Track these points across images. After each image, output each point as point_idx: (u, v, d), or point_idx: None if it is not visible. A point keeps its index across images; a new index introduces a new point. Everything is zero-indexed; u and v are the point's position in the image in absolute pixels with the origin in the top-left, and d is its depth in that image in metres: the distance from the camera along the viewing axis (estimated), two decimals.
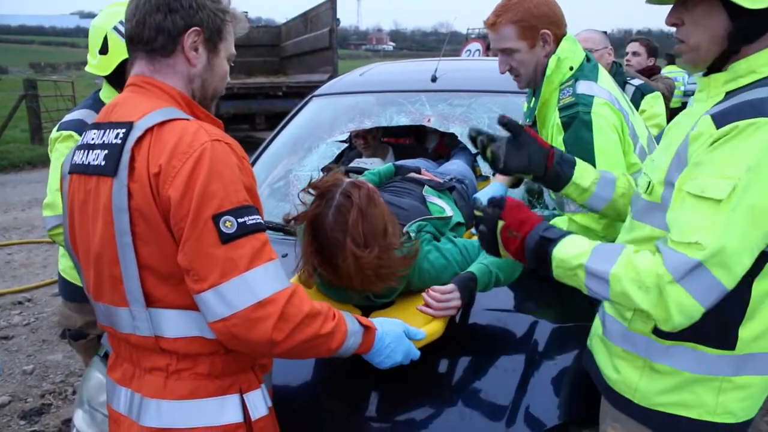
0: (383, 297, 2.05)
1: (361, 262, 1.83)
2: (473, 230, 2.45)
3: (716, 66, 1.56)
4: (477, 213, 1.76)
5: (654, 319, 1.45)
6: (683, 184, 1.46)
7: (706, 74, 1.60)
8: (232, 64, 1.70)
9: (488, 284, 2.02)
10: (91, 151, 1.51)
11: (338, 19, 11.81)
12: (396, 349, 1.69)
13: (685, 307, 1.40)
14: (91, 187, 1.51)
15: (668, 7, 1.60)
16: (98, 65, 2.63)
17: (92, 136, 1.54)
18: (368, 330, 1.65)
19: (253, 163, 3.46)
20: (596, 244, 1.57)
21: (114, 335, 1.61)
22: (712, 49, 1.53)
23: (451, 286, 1.95)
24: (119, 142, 1.45)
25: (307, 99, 3.91)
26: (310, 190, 1.95)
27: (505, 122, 1.94)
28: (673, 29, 1.61)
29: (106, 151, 1.47)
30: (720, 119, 1.43)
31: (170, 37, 1.53)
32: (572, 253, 1.56)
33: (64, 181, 1.63)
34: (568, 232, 1.63)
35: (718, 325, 1.53)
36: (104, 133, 1.50)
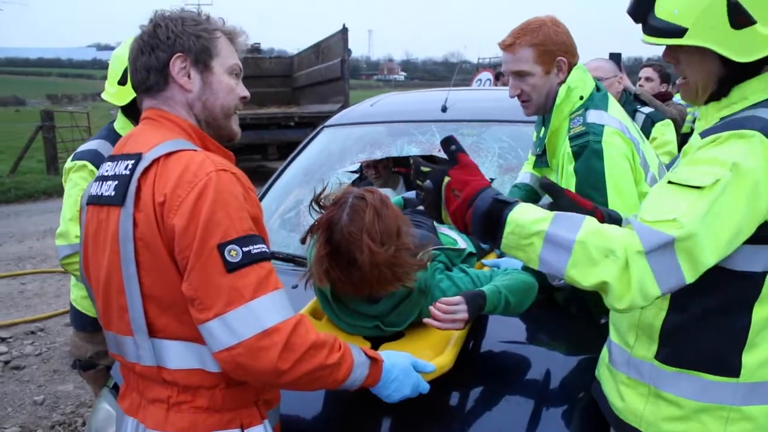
0: (394, 325, 2.04)
1: (378, 259, 1.81)
2: (483, 250, 2.43)
3: (714, 96, 1.58)
4: (424, 169, 1.69)
5: (610, 294, 1.40)
6: (666, 178, 1.47)
7: (705, 103, 1.62)
8: (238, 73, 1.69)
9: (497, 306, 1.98)
10: (104, 182, 1.55)
11: (350, 50, 11.94)
12: (404, 382, 1.67)
13: (645, 285, 1.37)
14: (102, 218, 1.54)
15: None
16: (116, 94, 2.68)
17: (107, 168, 1.58)
18: (375, 362, 1.63)
19: (264, 194, 3.47)
20: (555, 212, 1.50)
21: (123, 364, 1.62)
22: (707, 88, 1.56)
23: (458, 298, 1.91)
24: (128, 173, 1.48)
25: (318, 129, 3.93)
26: (318, 204, 1.97)
27: (545, 185, 1.93)
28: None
29: (116, 182, 1.50)
30: (705, 134, 1.47)
31: (158, 72, 1.58)
32: (530, 218, 1.48)
33: (82, 212, 1.66)
34: (522, 201, 1.57)
35: (719, 352, 1.52)
36: (117, 164, 1.54)
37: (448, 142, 1.65)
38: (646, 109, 4.21)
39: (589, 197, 2.12)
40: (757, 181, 1.37)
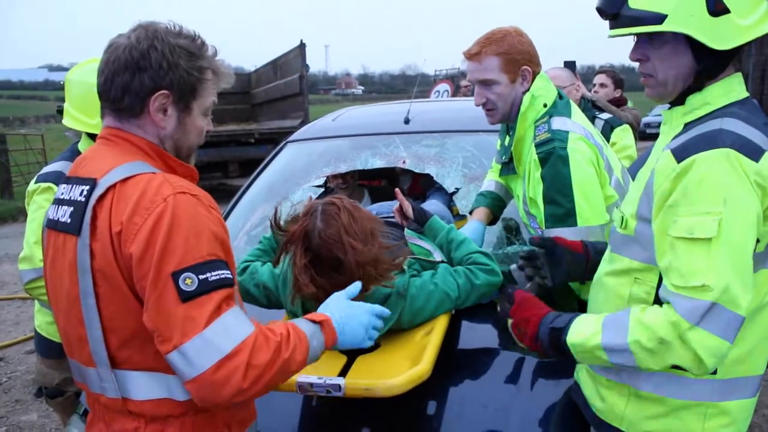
0: None
1: (363, 258, 1.87)
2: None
3: (679, 100, 1.62)
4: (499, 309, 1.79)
5: (690, 370, 1.45)
6: (667, 230, 1.49)
7: (670, 107, 1.66)
8: (211, 117, 1.65)
9: (439, 229, 2.32)
10: (60, 206, 1.49)
11: (307, 65, 11.94)
12: (357, 315, 1.65)
13: (712, 347, 1.41)
14: (59, 245, 1.48)
15: (630, 42, 1.66)
16: (77, 120, 2.62)
17: (62, 190, 1.52)
18: (323, 323, 1.58)
19: (229, 212, 3.45)
20: (604, 319, 1.57)
21: (88, 394, 1.56)
22: (678, 84, 1.59)
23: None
24: (83, 200, 1.42)
25: (281, 145, 3.92)
26: (280, 227, 2.00)
27: (536, 243, 2.00)
28: (636, 64, 1.66)
29: (71, 209, 1.44)
30: (679, 153, 1.49)
31: (137, 98, 1.47)
32: (585, 335, 1.57)
33: (43, 234, 1.61)
34: (575, 315, 1.63)
35: None
36: (72, 188, 1.48)
37: (504, 287, 1.93)
38: (605, 115, 4.30)
39: (556, 202, 2.16)
40: (748, 200, 1.42)
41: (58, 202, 1.51)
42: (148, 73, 1.45)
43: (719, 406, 1.58)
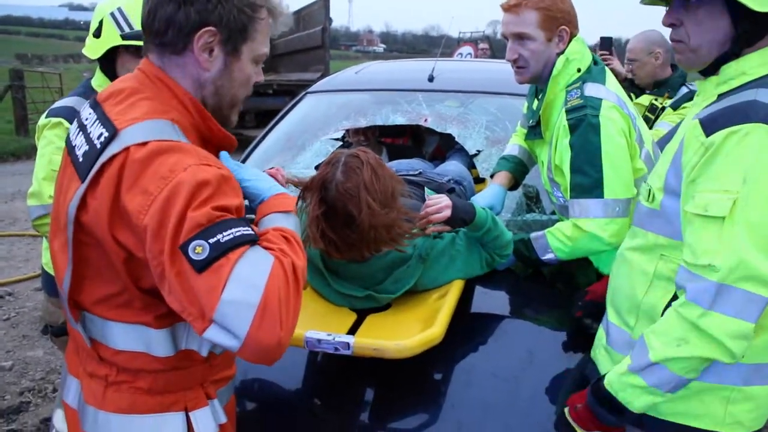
0: (389, 293, 1.99)
1: (377, 221, 1.81)
2: None
3: (712, 69, 1.55)
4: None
5: (719, 359, 1.41)
6: (685, 205, 1.46)
7: (705, 77, 1.59)
8: (263, 66, 1.48)
9: (484, 224, 2.02)
10: (80, 134, 1.37)
11: (331, 18, 11.74)
12: (257, 183, 1.48)
13: (732, 330, 1.37)
14: (67, 178, 1.38)
15: (661, 9, 1.60)
16: (89, 47, 2.57)
17: (88, 116, 1.38)
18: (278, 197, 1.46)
19: (244, 160, 3.39)
20: (630, 352, 1.56)
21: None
22: (712, 51, 1.52)
23: (442, 195, 2.02)
24: (98, 147, 1.28)
25: (300, 96, 3.84)
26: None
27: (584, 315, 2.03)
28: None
29: (87, 148, 1.31)
30: (708, 124, 1.43)
31: (181, 33, 1.32)
32: (616, 370, 1.56)
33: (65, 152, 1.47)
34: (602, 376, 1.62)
35: None
36: (96, 123, 1.34)
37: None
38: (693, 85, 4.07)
39: (583, 171, 2.09)
40: None
41: (81, 127, 1.38)
42: (195, 6, 1.31)
43: (744, 391, 1.53)
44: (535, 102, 2.36)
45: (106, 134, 1.29)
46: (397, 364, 1.72)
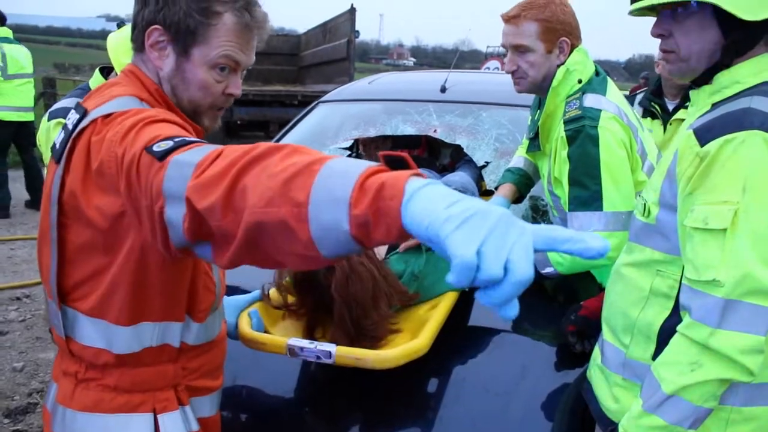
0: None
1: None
2: None
3: (705, 78, 1.51)
4: None
5: (737, 378, 1.35)
6: (683, 219, 1.41)
7: (697, 87, 1.56)
8: (234, 68, 1.42)
9: None
10: (62, 132, 1.42)
11: (357, 31, 11.79)
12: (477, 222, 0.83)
13: (744, 345, 1.31)
14: (50, 171, 1.42)
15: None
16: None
17: (70, 116, 1.43)
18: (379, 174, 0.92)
19: None
20: (639, 392, 1.49)
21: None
22: (702, 61, 1.49)
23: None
24: (71, 129, 1.35)
25: (313, 105, 3.85)
26: None
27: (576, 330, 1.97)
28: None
29: (63, 135, 1.38)
30: (702, 134, 1.39)
31: (138, 31, 1.41)
32: (630, 417, 1.47)
33: None
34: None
35: None
36: (73, 115, 1.41)
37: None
38: None
39: (582, 184, 2.05)
40: None
41: (64, 127, 1.43)
42: (149, 7, 1.39)
43: (743, 412, 1.47)
44: (537, 113, 2.32)
45: (78, 116, 1.35)
46: (386, 375, 1.69)
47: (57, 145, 1.38)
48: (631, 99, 3.95)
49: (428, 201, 0.83)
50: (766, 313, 1.31)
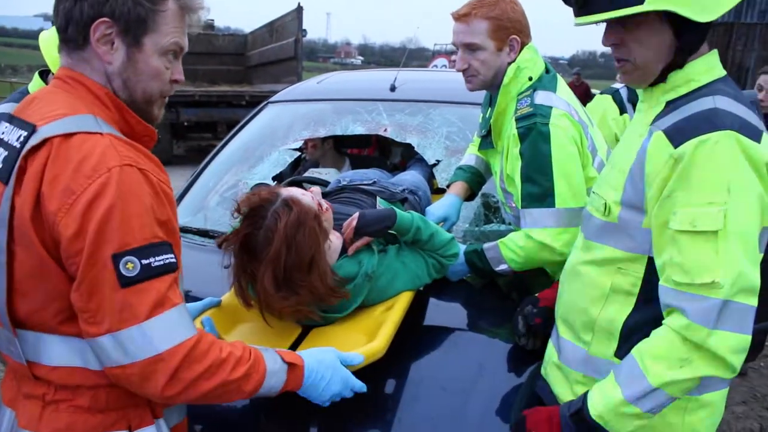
0: (335, 312, 1.94)
1: (270, 300, 1.79)
2: None
3: (659, 79, 1.53)
4: None
5: (719, 376, 1.37)
6: (667, 223, 1.40)
7: (651, 86, 1.57)
8: (177, 53, 1.44)
9: (410, 225, 2.03)
10: (4, 149, 1.34)
11: (305, 30, 11.72)
12: (332, 380, 1.56)
13: (735, 345, 1.34)
14: None
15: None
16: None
17: (3, 130, 1.37)
18: (293, 367, 1.51)
19: (203, 169, 3.34)
20: (613, 374, 1.48)
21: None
22: (658, 65, 1.50)
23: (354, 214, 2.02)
24: (18, 146, 1.28)
25: (262, 105, 3.79)
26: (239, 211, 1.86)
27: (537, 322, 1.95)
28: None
29: (6, 153, 1.30)
30: (674, 135, 1.40)
31: (78, 27, 1.32)
32: (605, 399, 1.46)
33: None
34: (585, 393, 1.52)
35: None
36: (12, 130, 1.33)
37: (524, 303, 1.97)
38: None
39: (534, 181, 2.06)
40: (753, 184, 1.35)
41: (4, 144, 1.36)
42: (89, 0, 1.31)
43: (699, 400, 1.51)
44: (489, 110, 2.33)
45: (24, 134, 1.29)
46: None
47: (1, 165, 1.30)
48: (616, 95, 3.98)
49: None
50: (751, 311, 1.35)
